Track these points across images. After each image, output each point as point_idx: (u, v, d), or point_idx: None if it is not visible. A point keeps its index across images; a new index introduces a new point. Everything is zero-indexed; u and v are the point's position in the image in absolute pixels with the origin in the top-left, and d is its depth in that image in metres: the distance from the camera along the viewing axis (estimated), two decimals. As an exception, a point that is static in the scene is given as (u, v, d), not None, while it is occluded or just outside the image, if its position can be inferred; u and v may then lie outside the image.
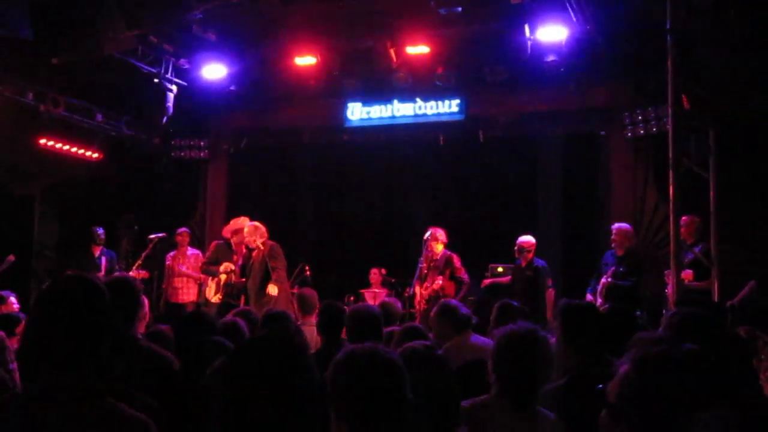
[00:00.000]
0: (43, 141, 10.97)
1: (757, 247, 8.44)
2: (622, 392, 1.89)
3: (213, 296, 9.47)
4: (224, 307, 9.07)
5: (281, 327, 4.66)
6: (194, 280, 10.72)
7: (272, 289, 8.79)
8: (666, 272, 8.23)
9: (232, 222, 9.88)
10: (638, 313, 8.61)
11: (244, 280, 9.34)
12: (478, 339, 5.30)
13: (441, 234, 9.63)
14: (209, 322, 4.14)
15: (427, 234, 9.57)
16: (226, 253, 9.73)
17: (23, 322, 5.60)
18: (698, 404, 1.80)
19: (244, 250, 9.45)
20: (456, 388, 2.61)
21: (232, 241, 9.77)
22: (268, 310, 6.14)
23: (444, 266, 9.51)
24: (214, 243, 10.04)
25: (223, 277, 9.54)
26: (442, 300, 5.81)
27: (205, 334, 3.72)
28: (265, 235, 9.26)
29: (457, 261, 9.54)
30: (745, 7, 7.83)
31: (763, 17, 7.74)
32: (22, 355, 2.64)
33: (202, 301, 9.58)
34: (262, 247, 9.05)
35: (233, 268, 9.50)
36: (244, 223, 9.71)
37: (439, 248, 9.60)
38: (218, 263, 9.61)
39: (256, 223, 9.32)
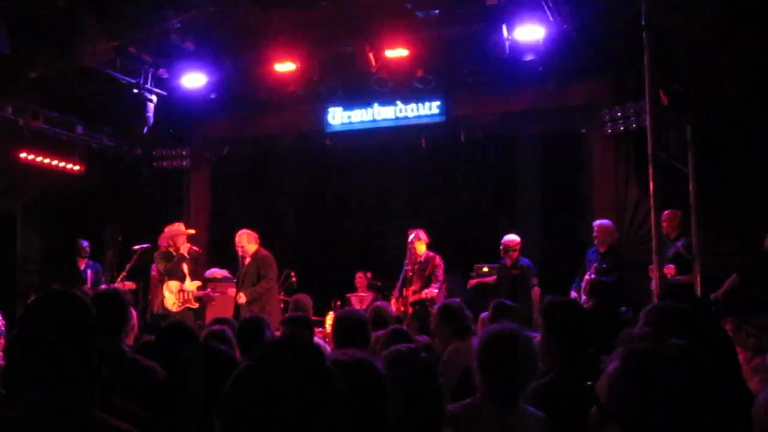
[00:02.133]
0: (23, 155, 10.92)
1: (737, 239, 8.52)
2: (613, 390, 1.87)
3: (173, 306, 9.39)
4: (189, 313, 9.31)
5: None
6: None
7: (240, 298, 8.99)
8: (650, 267, 8.29)
9: (166, 229, 9.76)
10: (623, 309, 8.68)
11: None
12: None
13: (423, 235, 9.67)
14: (190, 331, 4.15)
15: (411, 236, 9.60)
16: (170, 260, 9.60)
17: (2, 339, 5.59)
18: (688, 400, 1.78)
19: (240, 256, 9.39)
20: (441, 390, 2.61)
21: (169, 249, 9.65)
22: (290, 314, 6.18)
23: (427, 267, 9.54)
24: (156, 253, 9.84)
25: (192, 286, 9.49)
26: (444, 302, 5.61)
27: (186, 343, 3.73)
28: (258, 242, 9.28)
29: (438, 260, 9.56)
30: (719, 1, 7.91)
31: (738, 12, 7.81)
32: (6, 371, 2.64)
33: (162, 313, 9.38)
34: (250, 257, 9.12)
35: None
36: (180, 228, 9.70)
37: (422, 249, 9.63)
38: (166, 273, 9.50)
39: (248, 231, 9.32)
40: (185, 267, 9.54)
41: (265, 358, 1.67)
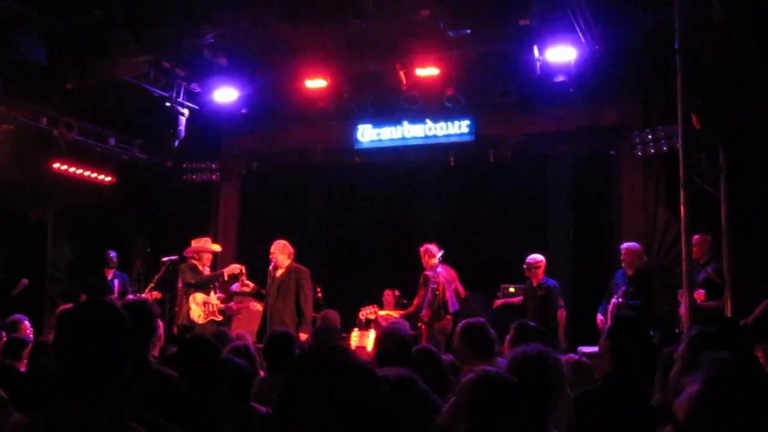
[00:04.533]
0: (56, 165, 11.09)
1: (769, 264, 8.42)
2: (694, 413, 1.87)
3: (199, 318, 9.35)
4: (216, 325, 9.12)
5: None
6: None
7: (255, 306, 9.10)
8: (679, 291, 8.20)
9: (193, 242, 9.76)
10: (650, 332, 8.58)
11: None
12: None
13: (432, 248, 9.63)
14: (212, 344, 4.17)
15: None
16: (197, 273, 9.51)
17: (30, 345, 5.63)
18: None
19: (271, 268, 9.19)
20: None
21: (194, 261, 9.57)
22: (317, 328, 6.18)
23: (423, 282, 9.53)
24: (182, 265, 9.72)
25: (214, 300, 9.47)
26: (468, 321, 5.50)
27: (209, 356, 3.74)
28: (292, 257, 9.22)
29: (429, 276, 9.49)
30: (753, 25, 7.85)
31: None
32: (31, 379, 2.65)
33: (188, 324, 9.29)
34: (284, 269, 9.07)
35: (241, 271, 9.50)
36: (207, 243, 9.71)
37: (433, 262, 9.58)
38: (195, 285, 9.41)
39: (286, 242, 9.26)
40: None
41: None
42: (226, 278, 9.54)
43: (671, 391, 2.98)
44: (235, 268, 9.52)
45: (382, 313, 10.15)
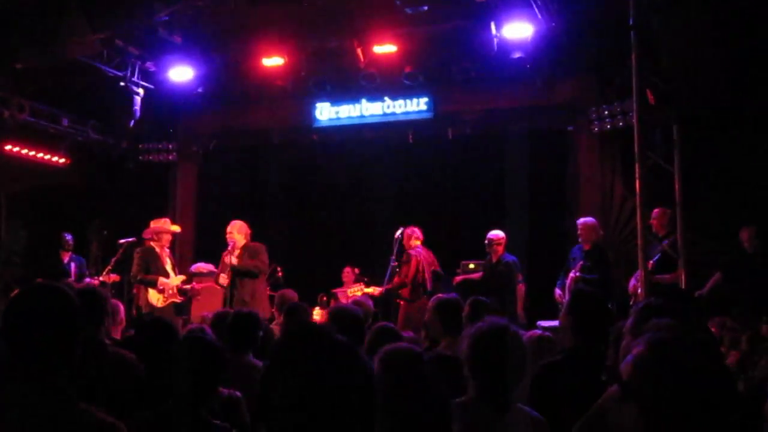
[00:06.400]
0: (8, 147, 10.86)
1: (722, 238, 8.58)
2: (637, 372, 2.01)
3: (158, 302, 9.25)
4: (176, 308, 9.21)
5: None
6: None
7: (222, 279, 8.76)
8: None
9: (152, 224, 9.61)
10: (609, 305, 8.71)
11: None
12: None
13: (416, 231, 9.67)
14: (170, 325, 4.14)
15: (398, 232, 9.61)
16: (153, 257, 9.33)
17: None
18: (706, 389, 1.92)
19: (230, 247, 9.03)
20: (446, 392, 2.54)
21: (152, 243, 9.41)
22: (290, 304, 6.15)
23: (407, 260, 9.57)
24: (138, 250, 9.48)
25: (176, 280, 9.34)
26: (440, 297, 5.41)
27: (165, 339, 3.72)
28: (248, 237, 9.15)
29: (413, 258, 9.54)
30: (707, 2, 7.94)
31: (724, 12, 7.85)
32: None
33: (147, 309, 9.12)
34: (239, 249, 8.98)
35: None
36: (166, 224, 9.61)
37: (415, 244, 9.64)
38: (150, 271, 9.20)
39: (242, 222, 9.19)
40: (168, 262, 9.45)
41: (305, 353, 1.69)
42: (159, 286, 9.28)
43: (621, 359, 3.05)
44: (169, 283, 9.33)
45: (351, 292, 10.10)
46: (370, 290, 9.73)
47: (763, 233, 8.28)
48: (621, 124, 9.73)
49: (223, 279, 8.88)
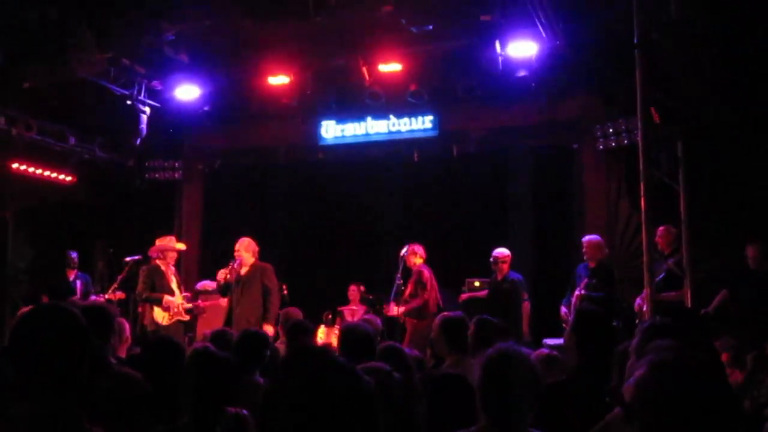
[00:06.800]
0: (15, 165, 10.91)
1: (728, 255, 8.54)
2: (639, 393, 2.00)
3: (163, 320, 9.25)
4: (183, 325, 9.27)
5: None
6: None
7: (268, 329, 8.42)
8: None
9: (157, 241, 9.64)
10: (615, 323, 8.69)
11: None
12: None
13: (419, 249, 9.68)
14: (176, 344, 4.13)
15: (404, 250, 9.60)
16: (159, 275, 9.42)
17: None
18: (708, 410, 1.91)
19: (235, 265, 9.05)
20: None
21: (158, 261, 9.50)
22: (294, 322, 6.14)
23: (415, 280, 9.55)
24: (143, 268, 9.59)
25: (179, 300, 9.34)
26: (446, 315, 5.42)
27: (173, 356, 3.72)
28: (256, 256, 9.16)
29: (423, 273, 9.53)
30: (711, 20, 7.96)
31: (728, 31, 7.87)
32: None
33: (152, 327, 9.18)
34: (248, 267, 8.99)
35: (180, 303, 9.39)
36: (171, 242, 9.63)
37: (417, 262, 9.63)
38: (155, 289, 9.29)
39: (251, 240, 9.21)
40: (173, 280, 9.47)
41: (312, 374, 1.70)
42: (165, 304, 9.29)
43: (626, 380, 3.03)
44: (174, 301, 9.34)
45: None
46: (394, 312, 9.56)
47: (769, 250, 8.25)
48: (626, 141, 9.73)
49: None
